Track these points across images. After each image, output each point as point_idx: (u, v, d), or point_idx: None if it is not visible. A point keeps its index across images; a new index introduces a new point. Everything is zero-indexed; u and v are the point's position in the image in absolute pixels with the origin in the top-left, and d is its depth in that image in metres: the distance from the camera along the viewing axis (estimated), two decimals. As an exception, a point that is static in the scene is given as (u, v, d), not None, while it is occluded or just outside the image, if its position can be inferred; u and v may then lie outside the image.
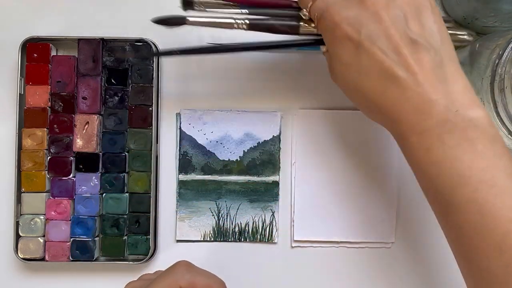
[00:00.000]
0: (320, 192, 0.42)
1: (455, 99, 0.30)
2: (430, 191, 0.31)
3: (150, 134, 0.41)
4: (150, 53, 0.41)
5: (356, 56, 0.31)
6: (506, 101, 0.32)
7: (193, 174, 0.42)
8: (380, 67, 0.30)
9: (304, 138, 0.42)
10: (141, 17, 0.43)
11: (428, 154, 0.30)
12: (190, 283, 0.33)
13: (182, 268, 0.34)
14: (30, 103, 0.41)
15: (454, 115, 0.30)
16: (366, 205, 0.42)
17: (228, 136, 0.42)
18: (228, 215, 0.42)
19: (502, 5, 0.37)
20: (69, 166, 0.41)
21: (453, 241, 0.31)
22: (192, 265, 0.35)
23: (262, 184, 0.42)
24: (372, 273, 0.42)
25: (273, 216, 0.42)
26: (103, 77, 0.42)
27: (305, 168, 0.42)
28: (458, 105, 0.30)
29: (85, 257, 0.41)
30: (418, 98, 0.30)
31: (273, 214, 0.42)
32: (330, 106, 0.42)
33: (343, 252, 0.42)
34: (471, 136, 0.29)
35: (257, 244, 0.42)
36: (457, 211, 0.29)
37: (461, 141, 0.29)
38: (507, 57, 0.32)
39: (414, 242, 0.42)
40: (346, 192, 0.42)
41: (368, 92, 0.32)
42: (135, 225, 0.41)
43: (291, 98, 0.43)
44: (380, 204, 0.42)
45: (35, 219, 0.41)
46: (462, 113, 0.30)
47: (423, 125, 0.30)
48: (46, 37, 0.41)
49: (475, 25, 0.41)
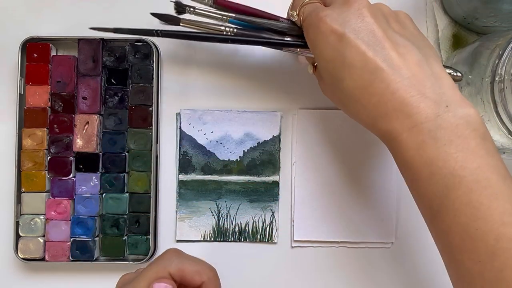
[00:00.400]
0: (320, 192, 0.42)
1: (444, 93, 0.29)
2: (420, 194, 0.30)
3: (150, 134, 0.41)
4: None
5: (340, 49, 0.31)
6: (506, 101, 0.32)
7: (193, 174, 0.42)
8: (364, 60, 0.30)
9: (304, 138, 0.42)
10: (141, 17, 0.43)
11: (420, 153, 0.29)
12: (179, 269, 0.32)
13: (171, 254, 0.34)
14: (30, 103, 0.41)
15: (444, 110, 0.29)
16: (366, 205, 0.42)
17: (228, 136, 0.42)
18: (228, 215, 0.42)
19: (502, 5, 0.37)
20: (69, 166, 0.41)
21: (443, 244, 0.30)
22: (182, 252, 0.35)
23: (262, 184, 0.42)
24: (372, 273, 0.42)
25: (273, 216, 0.42)
26: (103, 77, 0.42)
27: (305, 168, 0.42)
28: (448, 100, 0.29)
29: (85, 257, 0.41)
30: (404, 92, 0.29)
31: (273, 214, 0.42)
32: (330, 106, 0.42)
33: (343, 252, 0.42)
34: (463, 132, 0.28)
35: (257, 244, 0.42)
36: (449, 213, 0.28)
37: (454, 137, 0.28)
38: (507, 57, 0.32)
39: (414, 242, 0.42)
40: (346, 192, 0.42)
41: (353, 89, 0.31)
42: (135, 225, 0.41)
43: (291, 98, 0.43)
44: (380, 204, 0.42)
45: (35, 219, 0.41)
46: (453, 109, 0.29)
47: (413, 120, 0.29)
48: (46, 37, 0.41)
49: (475, 25, 0.41)
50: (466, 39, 0.42)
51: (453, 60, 0.40)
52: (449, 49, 0.42)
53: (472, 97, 0.36)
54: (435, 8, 0.42)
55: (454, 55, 0.41)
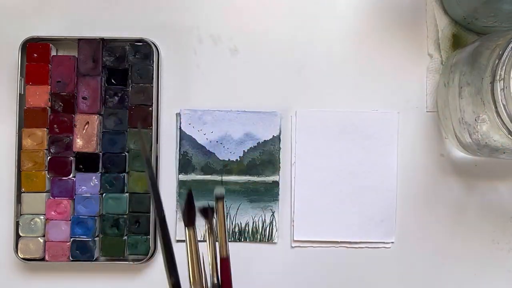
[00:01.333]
0: (320, 192, 0.42)
1: None
2: None
3: (150, 134, 0.41)
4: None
5: None
6: (506, 101, 0.32)
7: (193, 174, 0.42)
8: None
9: (304, 138, 0.42)
10: (141, 17, 0.43)
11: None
12: None
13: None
14: (30, 103, 0.41)
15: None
16: (366, 205, 0.42)
17: (228, 136, 0.42)
18: (228, 215, 0.42)
19: (502, 5, 0.37)
20: (69, 166, 0.41)
21: None
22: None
23: (262, 184, 0.42)
24: (372, 273, 0.42)
25: (273, 216, 0.42)
26: (103, 77, 0.42)
27: (305, 168, 0.42)
28: None
29: (85, 257, 0.41)
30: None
31: (273, 214, 0.42)
32: (330, 106, 0.42)
33: (343, 252, 0.42)
34: None
35: (257, 244, 0.42)
36: None
37: None
38: (507, 57, 0.32)
39: (414, 242, 0.42)
40: (346, 192, 0.42)
41: None
42: (135, 225, 0.41)
43: (291, 98, 0.43)
44: (380, 204, 0.42)
45: (35, 219, 0.41)
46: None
47: None
48: (46, 37, 0.41)
49: (475, 25, 0.41)
50: (466, 39, 0.42)
51: (453, 60, 0.40)
52: (449, 49, 0.42)
53: (472, 97, 0.35)
54: (435, 8, 0.42)
55: (454, 55, 0.41)
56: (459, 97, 0.37)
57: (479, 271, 0.42)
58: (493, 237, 0.42)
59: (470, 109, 0.36)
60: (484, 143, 0.36)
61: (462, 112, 0.37)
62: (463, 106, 0.37)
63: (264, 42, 0.43)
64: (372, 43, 0.43)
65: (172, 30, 0.43)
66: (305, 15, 0.43)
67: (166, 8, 0.43)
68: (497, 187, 0.42)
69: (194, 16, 0.43)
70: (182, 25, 0.43)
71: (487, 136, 0.35)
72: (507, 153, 0.36)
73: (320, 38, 0.43)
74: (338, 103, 0.42)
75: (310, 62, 0.43)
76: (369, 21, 0.43)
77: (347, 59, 0.43)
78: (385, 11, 0.43)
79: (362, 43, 0.43)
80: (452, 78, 0.39)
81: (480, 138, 0.36)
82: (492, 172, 0.42)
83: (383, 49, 0.43)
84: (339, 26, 0.43)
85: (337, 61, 0.43)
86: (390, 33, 0.43)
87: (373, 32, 0.43)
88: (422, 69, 0.43)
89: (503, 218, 0.43)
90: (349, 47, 0.43)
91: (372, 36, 0.43)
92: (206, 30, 0.43)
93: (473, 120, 0.36)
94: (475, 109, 0.35)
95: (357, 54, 0.43)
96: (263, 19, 0.43)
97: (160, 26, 0.43)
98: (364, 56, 0.43)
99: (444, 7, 0.42)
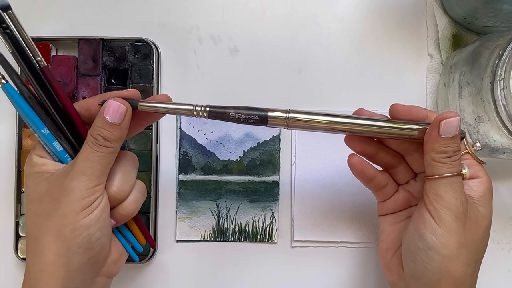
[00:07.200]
0: (320, 192, 0.42)
1: None
2: None
3: (150, 134, 0.41)
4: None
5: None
6: (506, 101, 0.32)
7: (193, 174, 0.42)
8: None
9: (304, 138, 0.42)
10: (141, 17, 0.43)
11: None
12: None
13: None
14: (30, 103, 0.41)
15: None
16: (365, 205, 0.42)
17: (228, 136, 0.42)
18: (228, 215, 0.42)
19: (502, 5, 0.37)
20: (69, 166, 0.41)
21: None
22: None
23: (262, 184, 0.42)
24: (372, 273, 0.42)
25: (273, 216, 0.42)
26: (103, 77, 0.42)
27: (305, 168, 0.42)
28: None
29: (85, 257, 0.41)
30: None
31: (273, 214, 0.42)
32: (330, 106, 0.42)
33: (343, 252, 0.42)
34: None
35: (257, 244, 0.42)
36: None
37: None
38: (507, 57, 0.32)
39: (414, 242, 0.42)
40: (346, 192, 0.42)
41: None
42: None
43: (291, 98, 0.43)
44: (380, 204, 0.42)
45: (35, 219, 0.41)
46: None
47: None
48: (46, 37, 0.41)
49: (475, 25, 0.41)
50: (466, 39, 0.42)
51: (453, 60, 0.40)
52: (449, 49, 0.42)
53: (472, 97, 0.36)
54: (435, 8, 0.42)
55: (454, 55, 0.41)
56: (459, 97, 0.37)
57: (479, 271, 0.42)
58: (493, 237, 0.42)
59: (470, 109, 0.36)
60: (484, 143, 0.36)
61: (462, 112, 0.37)
62: (463, 106, 0.37)
63: (264, 42, 0.43)
64: (372, 43, 0.43)
65: (172, 30, 0.43)
66: (305, 15, 0.43)
67: (166, 8, 0.43)
68: (497, 187, 0.42)
69: (194, 16, 0.43)
70: (182, 25, 0.43)
71: (487, 136, 0.35)
72: (507, 153, 0.36)
73: (320, 38, 0.43)
74: (338, 103, 0.42)
75: (310, 62, 0.43)
76: (369, 21, 0.43)
77: (347, 59, 0.43)
78: (385, 11, 0.43)
79: (362, 43, 0.43)
80: (452, 78, 0.39)
81: (480, 138, 0.36)
82: (492, 172, 0.42)
83: (383, 49, 0.43)
84: (339, 26, 0.43)
85: (337, 61, 0.43)
86: (390, 33, 0.43)
87: (373, 32, 0.43)
88: (422, 69, 0.43)
89: (503, 218, 0.43)
90: (349, 47, 0.43)
91: (372, 36, 0.43)
92: (206, 30, 0.43)
93: (473, 120, 0.36)
94: (475, 109, 0.35)
95: (357, 54, 0.43)
96: (263, 19, 0.43)
97: (160, 26, 0.43)
98: (364, 56, 0.43)
99: (444, 7, 0.42)
